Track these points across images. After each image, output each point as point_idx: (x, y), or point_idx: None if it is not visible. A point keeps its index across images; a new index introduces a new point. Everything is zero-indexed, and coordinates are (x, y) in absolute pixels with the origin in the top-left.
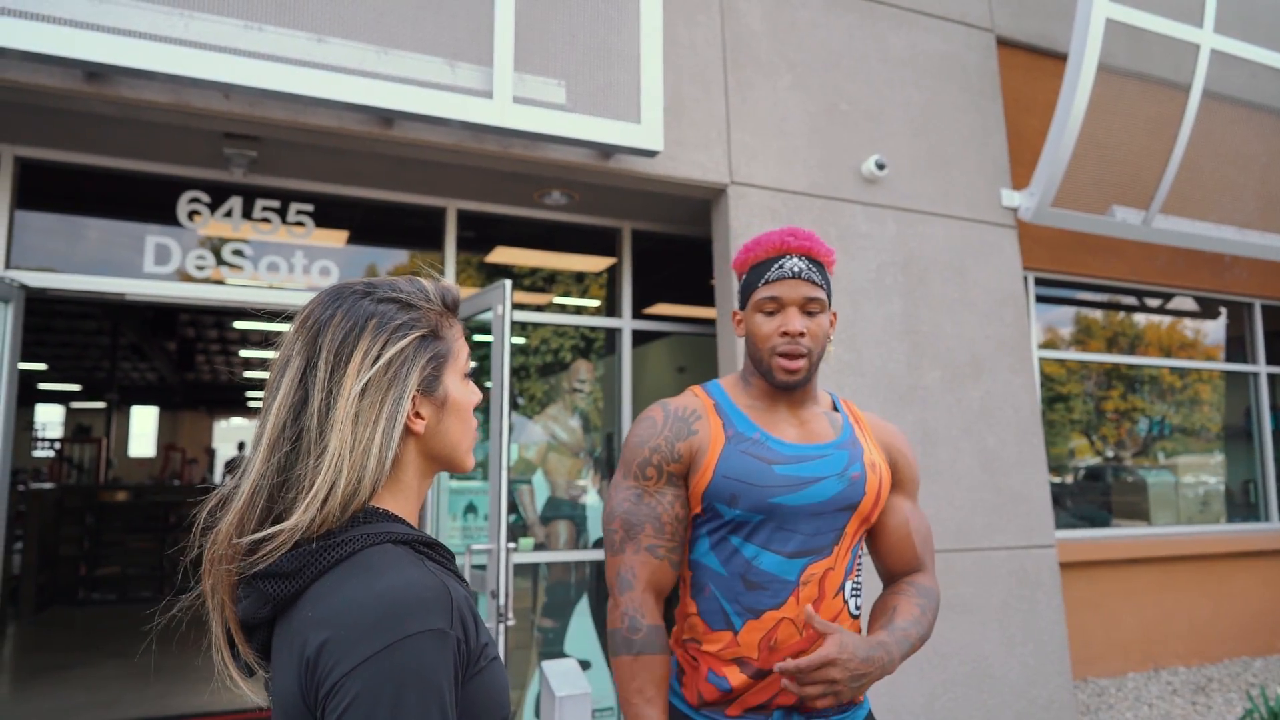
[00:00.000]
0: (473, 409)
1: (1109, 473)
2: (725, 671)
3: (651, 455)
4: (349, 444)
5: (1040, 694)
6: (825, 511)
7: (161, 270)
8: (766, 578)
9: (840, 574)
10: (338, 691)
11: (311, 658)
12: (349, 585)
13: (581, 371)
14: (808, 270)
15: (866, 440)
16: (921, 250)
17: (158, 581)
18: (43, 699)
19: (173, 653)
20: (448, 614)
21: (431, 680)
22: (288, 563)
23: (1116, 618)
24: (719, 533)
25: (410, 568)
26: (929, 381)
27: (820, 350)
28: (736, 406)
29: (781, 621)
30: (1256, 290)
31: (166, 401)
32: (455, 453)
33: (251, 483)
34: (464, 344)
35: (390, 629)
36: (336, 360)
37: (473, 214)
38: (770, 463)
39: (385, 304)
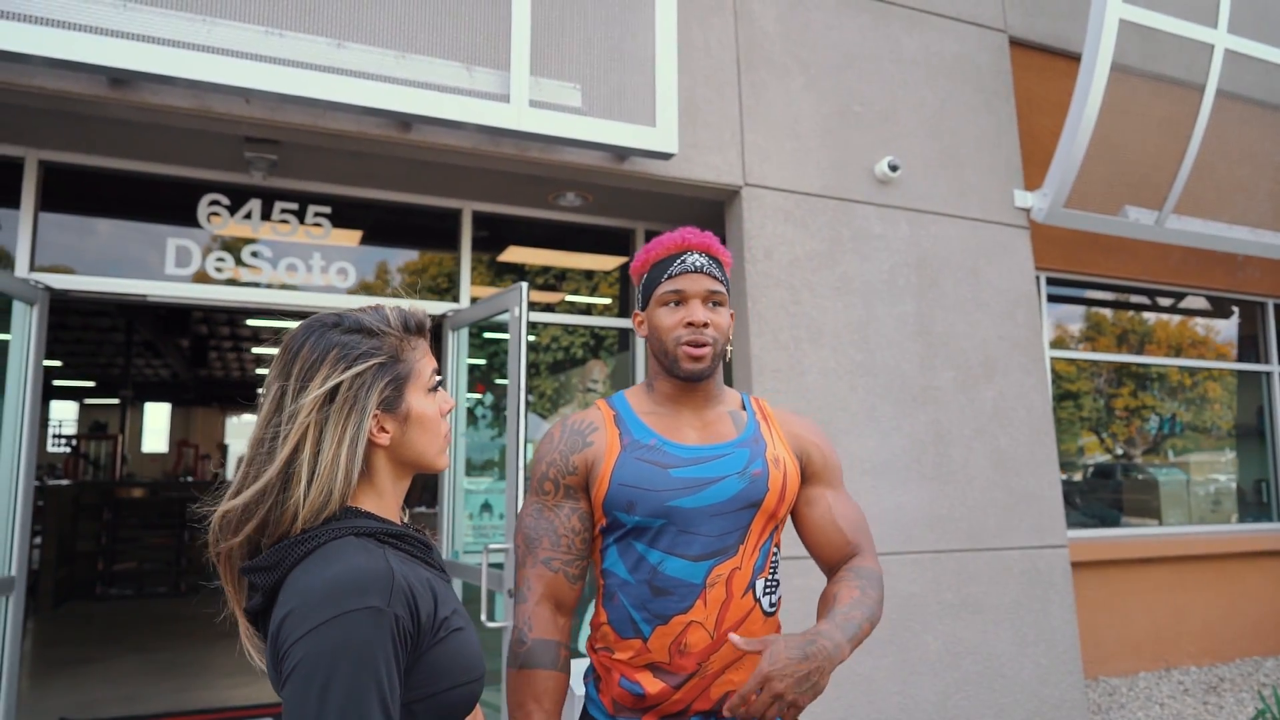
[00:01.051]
0: (441, 416)
1: (1119, 470)
2: (638, 678)
3: (548, 470)
4: (314, 462)
5: (1052, 693)
6: (727, 511)
7: (182, 272)
8: (673, 583)
9: (748, 573)
10: (289, 657)
11: (275, 630)
12: (309, 572)
13: (595, 371)
14: (709, 266)
15: (772, 436)
16: (934, 251)
17: (174, 577)
18: (63, 692)
19: (190, 648)
20: (386, 594)
21: (364, 652)
22: (268, 558)
23: (1128, 617)
24: (624, 540)
25: (359, 555)
26: (942, 382)
27: (723, 343)
28: (635, 415)
29: (690, 625)
30: (1270, 289)
31: (179, 398)
32: (423, 458)
33: (236, 485)
34: (429, 361)
35: (332, 605)
36: (302, 385)
37: (488, 215)
38: (666, 467)
39: (349, 334)
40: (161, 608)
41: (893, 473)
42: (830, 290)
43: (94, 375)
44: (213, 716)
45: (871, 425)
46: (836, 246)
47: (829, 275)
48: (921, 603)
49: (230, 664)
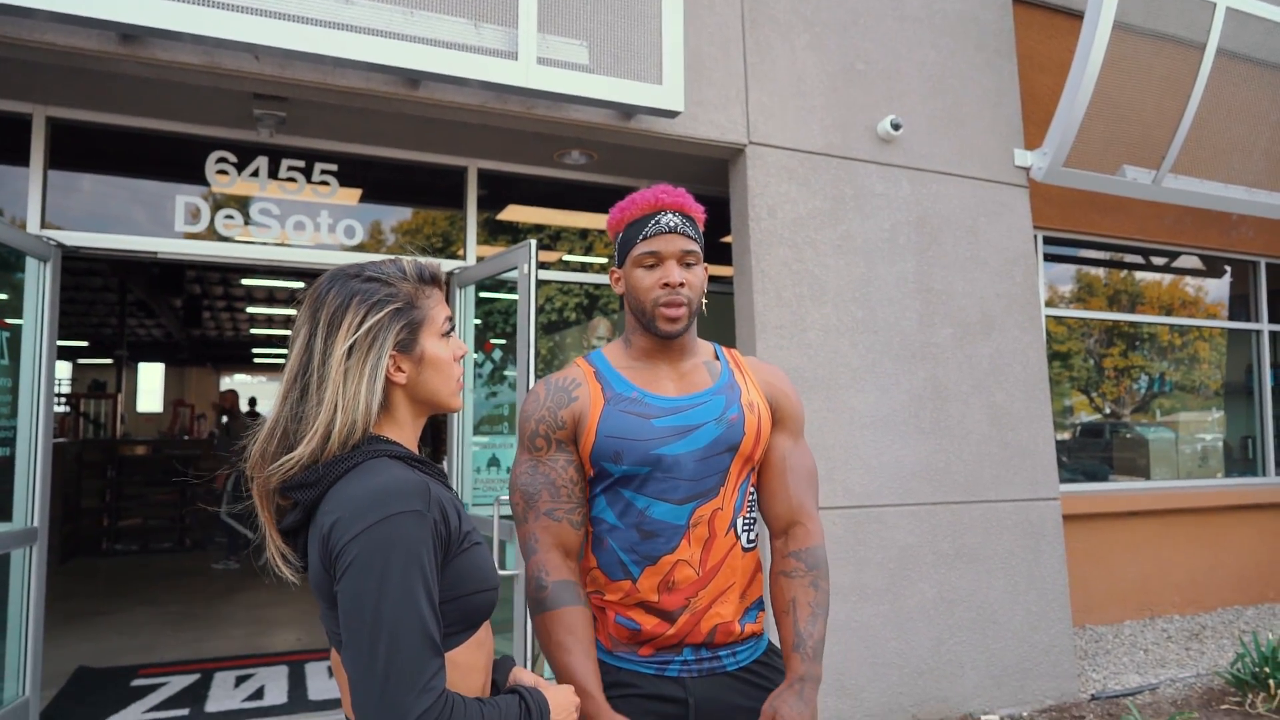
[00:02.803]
0: (454, 360)
1: (1108, 429)
2: (632, 615)
3: (538, 426)
4: (341, 395)
5: (1041, 639)
6: (708, 456)
7: (191, 229)
8: (659, 525)
9: (729, 513)
10: (343, 555)
11: (325, 535)
12: (353, 484)
13: (600, 328)
14: (683, 225)
15: (746, 383)
16: (935, 209)
17: (179, 533)
18: (80, 642)
19: (200, 600)
20: (425, 500)
21: (411, 547)
22: (309, 476)
23: (1116, 568)
24: (612, 489)
25: (397, 469)
26: (940, 339)
27: (698, 300)
28: (615, 370)
29: (677, 564)
30: (1262, 249)
31: (173, 358)
32: (436, 397)
33: (272, 420)
34: (442, 309)
35: (380, 509)
36: (329, 329)
37: (493, 173)
38: (649, 417)
39: (369, 283)
40: (168, 563)
41: (892, 427)
42: (832, 248)
43: (87, 335)
44: (228, 664)
45: (872, 381)
46: (839, 205)
47: (831, 233)
48: (917, 553)
49: (241, 615)
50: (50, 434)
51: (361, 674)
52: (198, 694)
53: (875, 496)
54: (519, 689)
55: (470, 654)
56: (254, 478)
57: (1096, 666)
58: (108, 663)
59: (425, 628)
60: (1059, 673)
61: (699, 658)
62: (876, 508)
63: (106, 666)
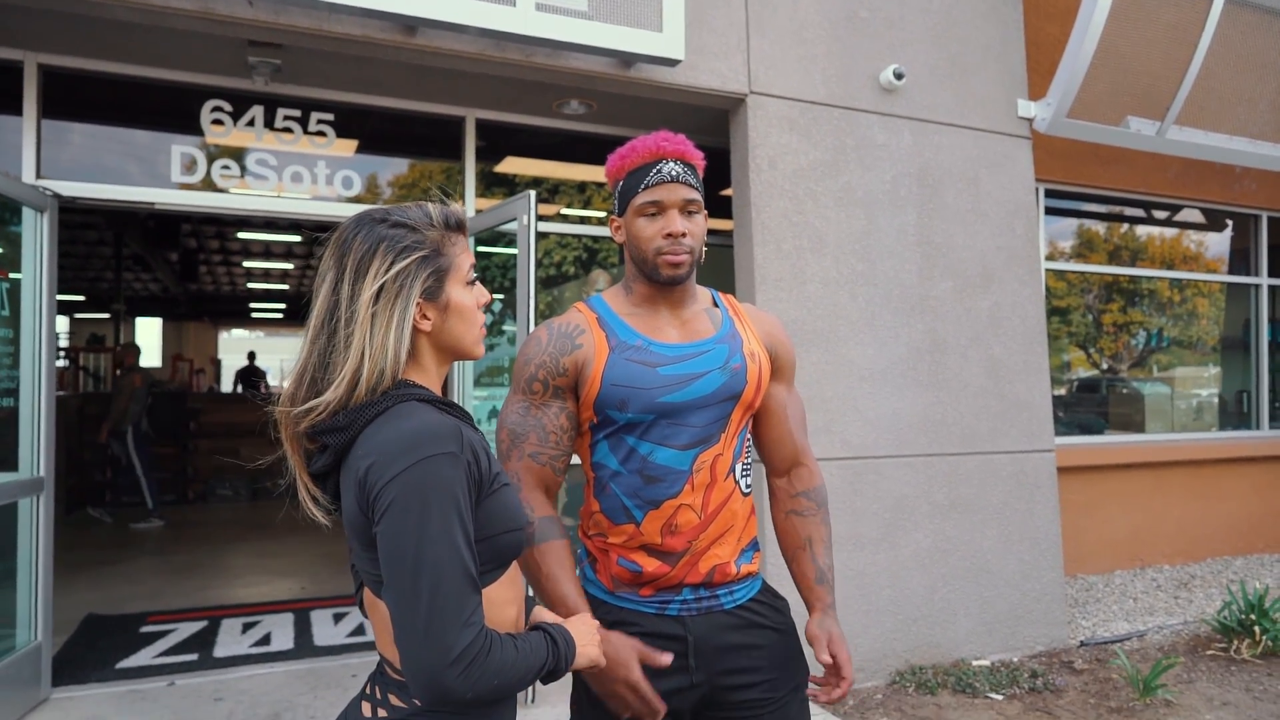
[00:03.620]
0: (479, 308)
1: (1104, 385)
2: (634, 557)
3: (537, 371)
4: (369, 342)
5: (1033, 587)
6: (711, 404)
7: (188, 180)
8: (663, 470)
9: (729, 458)
10: (381, 497)
11: (362, 478)
12: (386, 428)
13: (600, 281)
14: (685, 174)
15: (746, 332)
16: (936, 161)
17: (182, 486)
18: (88, 590)
19: (205, 551)
20: (458, 443)
21: (448, 489)
22: (341, 420)
23: (1108, 519)
24: (615, 436)
25: (429, 413)
26: (940, 292)
27: (699, 248)
28: (618, 316)
29: (680, 508)
30: (1264, 202)
31: (171, 312)
32: (460, 344)
33: (300, 365)
34: (467, 256)
35: (415, 452)
36: (356, 275)
37: (491, 123)
38: (654, 366)
39: (396, 228)
40: (172, 514)
41: (890, 379)
42: (833, 200)
43: (83, 290)
44: (235, 611)
45: (870, 333)
46: (840, 156)
47: (832, 185)
48: (913, 503)
49: (245, 565)
50: (54, 384)
51: (406, 612)
52: (206, 640)
53: (872, 448)
54: (543, 625)
55: (504, 590)
56: (283, 422)
57: (1086, 614)
58: (116, 610)
59: (464, 565)
60: (1050, 620)
61: (698, 597)
62: (874, 459)
63: (115, 614)
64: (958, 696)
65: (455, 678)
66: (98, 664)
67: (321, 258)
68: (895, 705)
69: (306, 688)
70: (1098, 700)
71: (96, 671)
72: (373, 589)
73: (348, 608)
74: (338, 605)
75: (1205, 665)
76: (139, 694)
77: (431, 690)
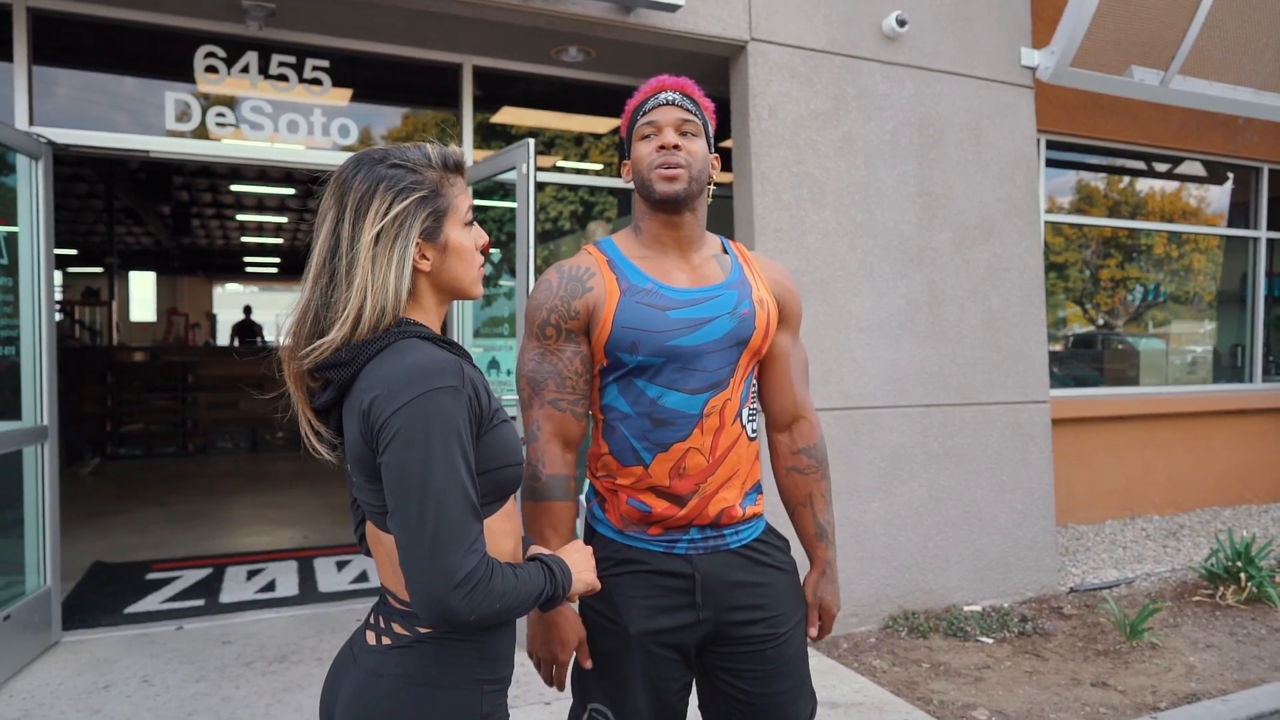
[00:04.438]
0: (476, 249)
1: (1100, 340)
2: (643, 498)
3: (550, 315)
4: (370, 281)
5: (1025, 535)
6: (720, 349)
7: (182, 128)
8: (672, 414)
9: (737, 403)
10: (385, 428)
11: (366, 410)
12: (389, 363)
13: (599, 232)
14: (681, 99)
15: (755, 278)
16: (938, 111)
17: (181, 438)
18: (93, 539)
19: (206, 501)
20: (459, 378)
21: (450, 420)
22: (344, 356)
23: (1101, 471)
24: (625, 379)
25: (430, 349)
26: (939, 243)
27: (700, 169)
28: (628, 259)
29: (689, 451)
30: (1266, 154)
31: (165, 267)
32: (459, 285)
33: (302, 305)
34: (465, 197)
35: (419, 384)
36: (356, 215)
37: (488, 71)
38: (664, 309)
39: (395, 169)
40: (172, 466)
41: (888, 331)
42: (833, 150)
43: (75, 243)
44: (239, 559)
45: (869, 285)
46: (841, 105)
47: (832, 135)
48: (909, 453)
49: (246, 515)
50: (54, 333)
51: (411, 539)
52: (211, 586)
53: (869, 398)
54: (540, 556)
55: (503, 521)
56: (286, 360)
57: (1076, 562)
58: (122, 558)
59: (467, 493)
60: (1040, 567)
61: (705, 537)
62: (870, 409)
63: (121, 561)
64: (949, 640)
65: (460, 600)
66: (106, 609)
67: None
68: (888, 648)
69: (312, 631)
70: (1085, 643)
71: (106, 616)
72: (375, 521)
73: (350, 555)
74: (340, 554)
75: (1191, 610)
76: (148, 637)
77: (437, 612)
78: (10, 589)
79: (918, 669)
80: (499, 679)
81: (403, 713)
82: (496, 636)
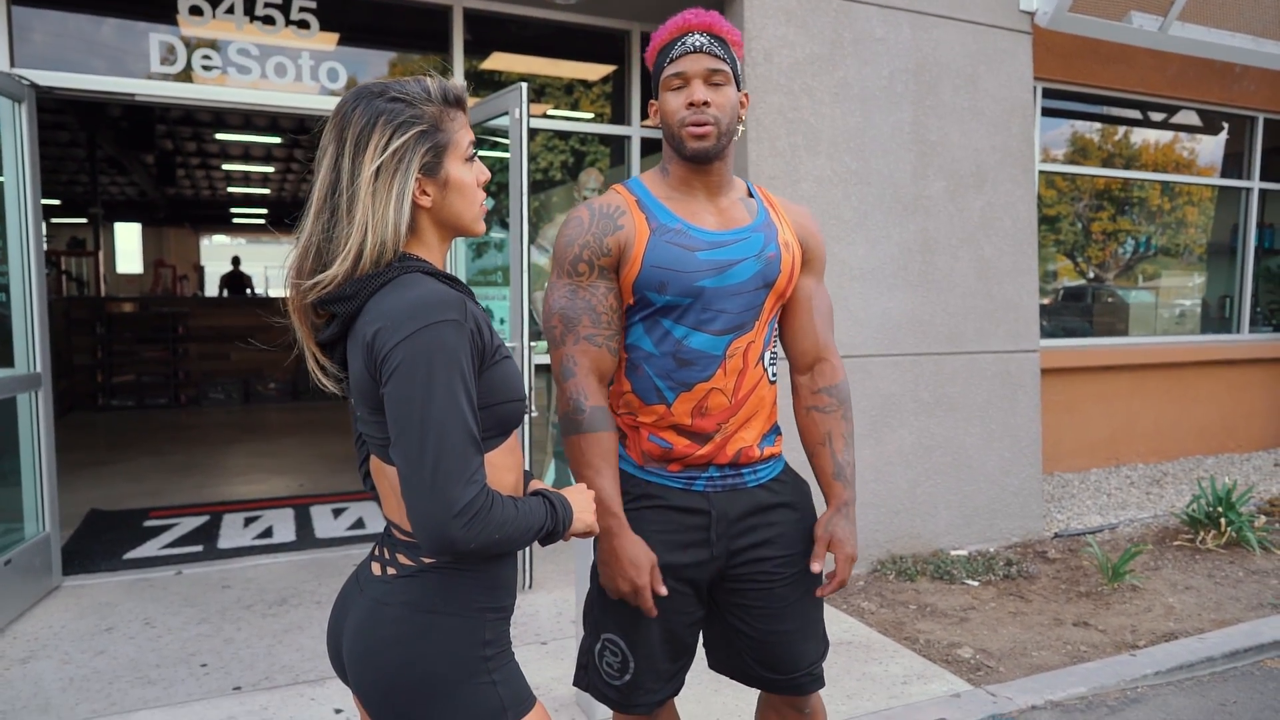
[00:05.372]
0: (478, 185)
1: (1089, 293)
2: (664, 435)
3: (582, 252)
4: (371, 216)
5: (1012, 483)
6: (746, 291)
7: (167, 71)
8: (696, 354)
9: (760, 346)
10: (389, 360)
11: (369, 342)
12: (392, 296)
13: (591, 180)
14: (709, 45)
15: (780, 222)
16: (934, 56)
17: (173, 389)
18: (91, 488)
19: (201, 451)
20: (462, 312)
21: (452, 353)
22: (348, 289)
23: (1088, 420)
24: (651, 318)
25: (432, 283)
26: (933, 191)
27: (729, 122)
28: (657, 199)
29: (711, 391)
30: (1262, 103)
31: (150, 217)
32: (460, 221)
33: (304, 240)
34: (466, 133)
35: (421, 317)
36: (356, 149)
37: (479, 13)
38: (693, 250)
39: (394, 103)
40: (164, 417)
41: (880, 279)
42: (829, 96)
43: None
44: (236, 507)
45: (862, 233)
46: (837, 50)
47: (828, 80)
48: (899, 401)
49: (242, 465)
50: (44, 279)
51: (412, 468)
52: (209, 533)
53: (861, 347)
54: (542, 491)
55: (504, 456)
56: (290, 295)
57: (1062, 509)
58: (118, 506)
59: (468, 425)
60: (1026, 513)
61: (723, 475)
62: (862, 358)
63: (118, 509)
64: (935, 583)
65: (460, 529)
66: (105, 555)
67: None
68: (876, 590)
69: (310, 575)
70: (1068, 586)
71: (105, 562)
72: (379, 454)
73: (347, 503)
74: (337, 501)
75: (1172, 554)
76: (148, 582)
77: (437, 541)
78: (10, 535)
79: (905, 610)
80: (501, 607)
81: (407, 639)
82: (499, 566)
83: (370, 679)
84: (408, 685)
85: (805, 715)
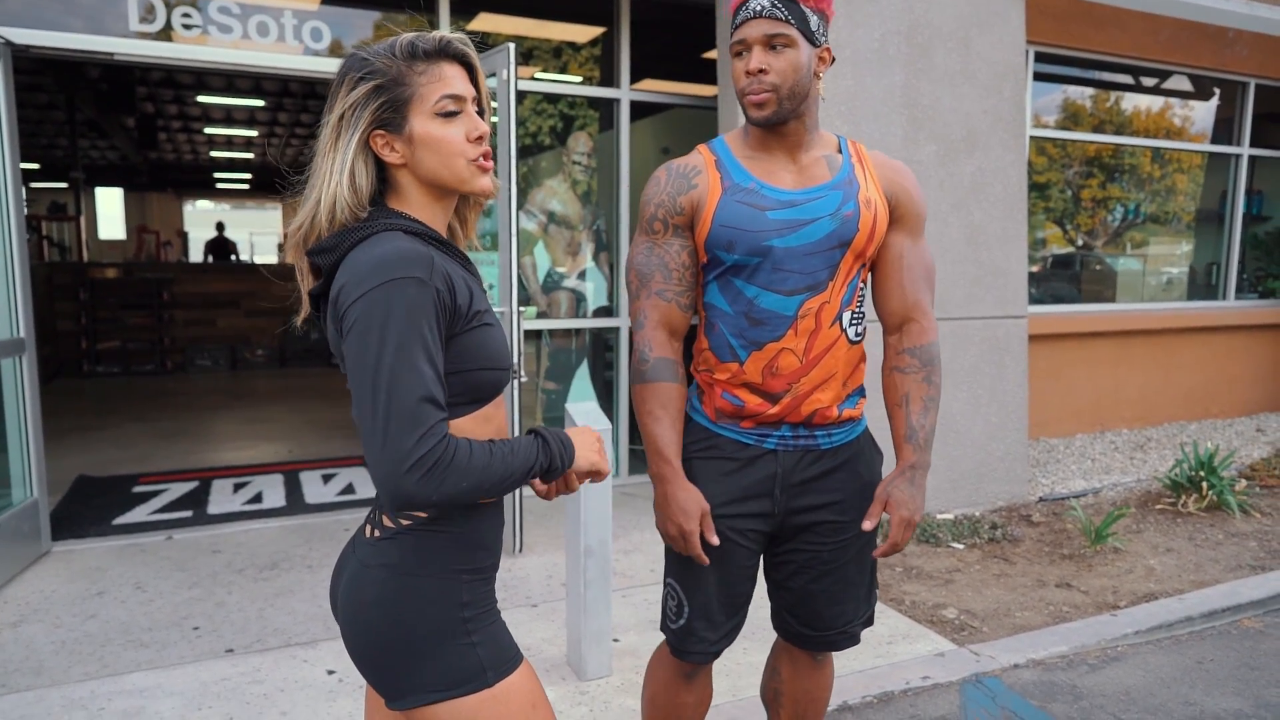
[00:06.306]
0: (465, 140)
1: (1078, 260)
2: (737, 393)
3: (657, 210)
4: (324, 166)
5: (998, 448)
6: (819, 250)
7: (147, 29)
8: (767, 314)
9: (836, 306)
10: (347, 316)
11: (335, 297)
12: (361, 253)
13: (580, 144)
14: (770, 8)
15: (866, 178)
16: (927, 19)
17: (159, 355)
18: (78, 454)
19: (189, 418)
20: (427, 270)
21: (411, 310)
22: (329, 242)
23: (1073, 385)
24: (724, 277)
25: (404, 241)
26: (924, 156)
27: (791, 85)
28: (735, 159)
29: (782, 351)
30: (1254, 69)
31: (132, 182)
32: (439, 177)
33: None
34: (440, 86)
35: (382, 274)
36: (329, 105)
37: None
38: (764, 209)
39: (358, 60)
40: (150, 384)
41: None
42: None
43: (37, 157)
44: (224, 473)
45: None
46: None
47: None
48: None
49: (230, 431)
50: (24, 241)
51: (367, 422)
52: (199, 498)
53: None
54: (537, 429)
55: (474, 425)
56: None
57: (1047, 473)
58: (107, 472)
59: (423, 379)
60: (1012, 478)
61: (796, 434)
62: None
63: (106, 475)
64: (921, 546)
65: (414, 483)
66: (94, 520)
67: None
68: None
69: (301, 540)
70: (1052, 548)
71: (94, 527)
72: None
73: (336, 469)
74: (326, 467)
75: (1154, 518)
76: (139, 547)
77: (392, 494)
78: None
79: (891, 572)
80: (480, 569)
81: (387, 601)
82: (475, 526)
83: (355, 639)
84: (389, 645)
85: (817, 663)
